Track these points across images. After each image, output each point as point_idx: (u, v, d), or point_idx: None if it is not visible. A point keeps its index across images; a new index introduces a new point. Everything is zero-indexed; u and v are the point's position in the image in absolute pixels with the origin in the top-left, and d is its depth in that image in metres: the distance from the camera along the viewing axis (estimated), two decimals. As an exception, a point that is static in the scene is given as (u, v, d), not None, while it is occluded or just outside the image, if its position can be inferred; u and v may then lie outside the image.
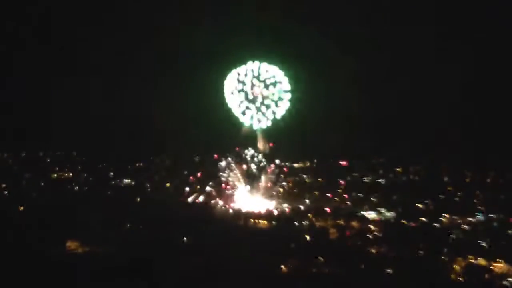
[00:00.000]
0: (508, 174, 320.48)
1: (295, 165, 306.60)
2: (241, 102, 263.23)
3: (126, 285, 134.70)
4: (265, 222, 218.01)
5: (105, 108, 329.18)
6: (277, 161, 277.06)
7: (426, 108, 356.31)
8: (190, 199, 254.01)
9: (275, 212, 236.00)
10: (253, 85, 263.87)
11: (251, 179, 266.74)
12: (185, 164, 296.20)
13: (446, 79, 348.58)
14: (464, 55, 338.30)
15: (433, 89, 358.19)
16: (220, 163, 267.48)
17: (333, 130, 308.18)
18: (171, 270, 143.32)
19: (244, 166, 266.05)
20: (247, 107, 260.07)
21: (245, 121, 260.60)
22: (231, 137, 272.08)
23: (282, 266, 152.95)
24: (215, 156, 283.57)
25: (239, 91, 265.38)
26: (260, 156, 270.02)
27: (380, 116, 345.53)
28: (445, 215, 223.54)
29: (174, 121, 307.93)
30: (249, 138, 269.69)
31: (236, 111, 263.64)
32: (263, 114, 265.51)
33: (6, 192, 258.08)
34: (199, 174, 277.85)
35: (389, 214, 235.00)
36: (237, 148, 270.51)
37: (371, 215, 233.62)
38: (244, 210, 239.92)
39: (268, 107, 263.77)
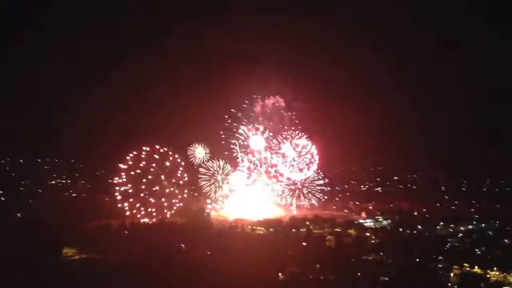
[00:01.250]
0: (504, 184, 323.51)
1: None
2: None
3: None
4: (263, 229, 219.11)
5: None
6: None
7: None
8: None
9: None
10: None
11: None
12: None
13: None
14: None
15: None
16: None
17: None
18: (169, 276, 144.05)
19: None
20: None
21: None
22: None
23: (280, 273, 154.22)
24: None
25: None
26: None
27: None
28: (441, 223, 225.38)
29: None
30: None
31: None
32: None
33: (3, 198, 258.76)
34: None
35: (386, 222, 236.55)
36: None
37: (368, 223, 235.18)
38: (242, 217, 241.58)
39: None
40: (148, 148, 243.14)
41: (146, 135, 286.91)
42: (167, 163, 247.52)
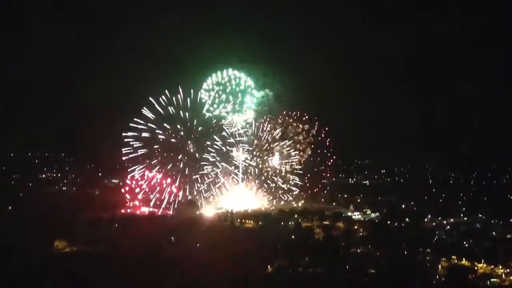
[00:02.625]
0: (492, 177, 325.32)
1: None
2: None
3: (115, 283, 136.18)
4: (252, 222, 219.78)
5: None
6: None
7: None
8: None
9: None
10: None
11: None
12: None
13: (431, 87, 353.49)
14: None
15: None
16: None
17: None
18: (160, 268, 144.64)
19: None
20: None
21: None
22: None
23: (268, 266, 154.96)
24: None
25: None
26: None
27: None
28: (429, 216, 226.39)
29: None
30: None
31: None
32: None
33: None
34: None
35: (374, 215, 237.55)
36: None
37: (356, 216, 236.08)
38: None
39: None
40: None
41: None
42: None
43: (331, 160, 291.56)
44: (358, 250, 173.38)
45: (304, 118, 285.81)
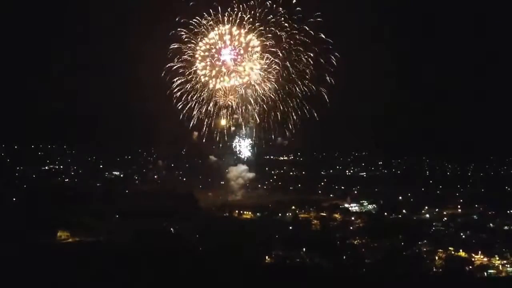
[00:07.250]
0: (489, 169, 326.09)
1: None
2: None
3: (116, 275, 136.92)
4: (250, 213, 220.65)
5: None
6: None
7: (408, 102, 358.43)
8: None
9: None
10: None
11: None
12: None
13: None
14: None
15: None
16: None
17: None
18: (158, 259, 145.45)
19: None
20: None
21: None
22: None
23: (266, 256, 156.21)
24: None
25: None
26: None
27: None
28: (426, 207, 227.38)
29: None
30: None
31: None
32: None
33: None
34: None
35: (371, 206, 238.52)
36: None
37: (353, 207, 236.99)
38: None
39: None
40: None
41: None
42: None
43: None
44: (355, 241, 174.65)
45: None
